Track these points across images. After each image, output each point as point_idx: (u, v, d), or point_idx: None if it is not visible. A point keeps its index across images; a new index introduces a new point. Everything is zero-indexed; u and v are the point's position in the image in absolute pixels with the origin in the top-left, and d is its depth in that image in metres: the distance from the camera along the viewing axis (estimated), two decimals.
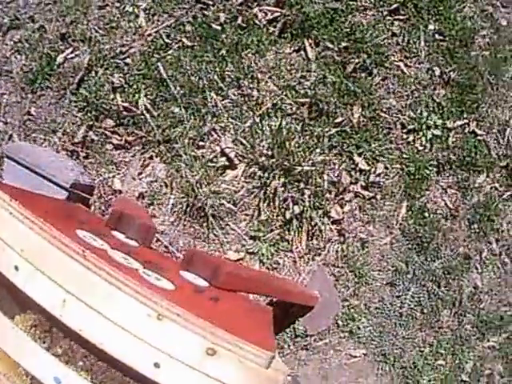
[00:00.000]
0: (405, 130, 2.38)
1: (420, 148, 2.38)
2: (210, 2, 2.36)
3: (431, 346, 2.40)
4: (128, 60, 2.40)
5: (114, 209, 1.80)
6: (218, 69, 2.36)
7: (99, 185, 2.34)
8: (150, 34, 2.39)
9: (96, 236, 1.42)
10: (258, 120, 2.25)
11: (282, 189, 2.27)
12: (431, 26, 2.44)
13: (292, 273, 2.37)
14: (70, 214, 1.89)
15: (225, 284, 1.52)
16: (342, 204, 2.31)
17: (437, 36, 2.44)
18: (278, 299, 2.23)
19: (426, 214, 2.38)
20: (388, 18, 2.43)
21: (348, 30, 2.36)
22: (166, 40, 2.39)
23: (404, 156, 2.36)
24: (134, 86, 2.38)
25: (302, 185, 2.25)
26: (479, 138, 2.43)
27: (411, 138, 2.38)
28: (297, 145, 2.23)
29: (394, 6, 2.42)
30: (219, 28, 2.32)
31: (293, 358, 2.40)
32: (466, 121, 2.41)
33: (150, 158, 2.34)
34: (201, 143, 2.33)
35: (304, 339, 2.40)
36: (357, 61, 2.34)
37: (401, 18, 2.44)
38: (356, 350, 2.42)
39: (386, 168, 2.34)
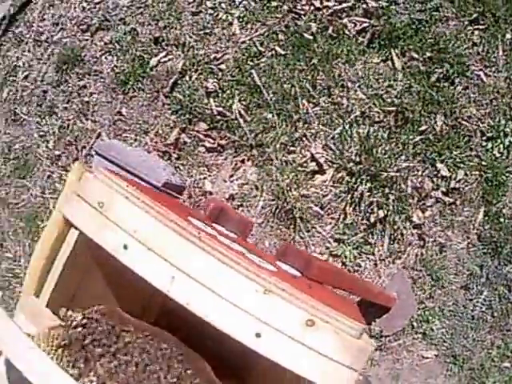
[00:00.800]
0: (484, 138, 2.53)
1: (498, 155, 2.53)
2: (302, 12, 2.50)
3: (499, 349, 2.54)
4: (222, 66, 2.57)
5: (215, 204, 1.98)
6: (309, 77, 2.52)
7: (190, 185, 2.50)
8: (243, 42, 2.56)
9: (205, 224, 1.56)
10: (347, 127, 2.40)
11: (368, 193, 2.43)
12: (508, 35, 2.59)
13: (372, 275, 2.51)
14: (177, 204, 2.06)
15: (316, 276, 1.68)
16: (424, 209, 2.46)
17: None
18: (358, 298, 2.40)
19: (502, 220, 2.53)
20: (469, 27, 2.58)
21: (432, 40, 2.50)
22: (260, 48, 2.57)
23: (483, 163, 2.51)
24: (228, 92, 2.57)
25: (386, 190, 2.41)
26: None
27: (490, 145, 2.53)
28: (383, 151, 2.39)
29: (474, 15, 2.56)
30: (311, 37, 2.49)
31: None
32: None
33: (242, 161, 2.52)
34: (292, 148, 2.50)
35: (379, 340, 2.51)
36: (440, 70, 2.48)
37: (480, 27, 2.58)
38: (428, 352, 2.52)
39: (466, 175, 2.50)
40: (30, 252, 3.18)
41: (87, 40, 2.91)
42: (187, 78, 2.65)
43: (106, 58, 2.89)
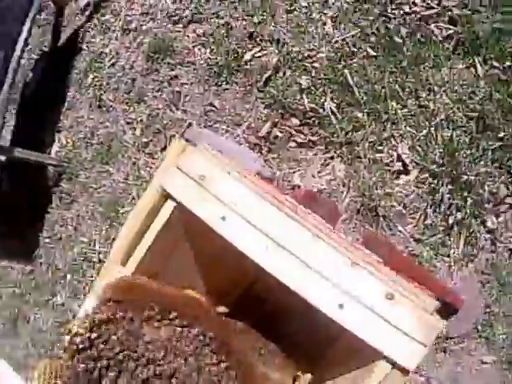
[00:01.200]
0: None
1: None
2: (392, 16, 2.73)
3: None
4: (316, 64, 2.89)
5: (307, 190, 2.11)
6: (399, 79, 2.78)
7: (279, 178, 2.67)
8: (336, 41, 2.88)
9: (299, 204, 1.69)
10: (432, 130, 2.62)
11: (448, 196, 2.65)
12: None
13: (445, 277, 2.65)
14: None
15: (397, 265, 1.79)
16: (498, 214, 2.63)
17: None
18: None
19: None
20: None
21: (511, 50, 2.67)
22: (352, 48, 2.86)
23: None
24: (321, 89, 2.84)
25: (465, 193, 2.65)
26: None
27: None
28: (464, 155, 2.60)
29: None
30: (400, 41, 2.76)
31: (430, 360, 2.62)
32: None
33: (331, 157, 2.80)
34: (379, 148, 2.76)
35: (444, 341, 2.64)
36: None
37: None
38: (488, 357, 2.63)
39: None
40: (106, 237, 3.38)
41: (179, 32, 3.12)
42: (281, 73, 2.92)
43: (199, 49, 3.16)
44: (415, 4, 2.83)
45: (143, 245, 1.56)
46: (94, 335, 1.30)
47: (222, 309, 1.87)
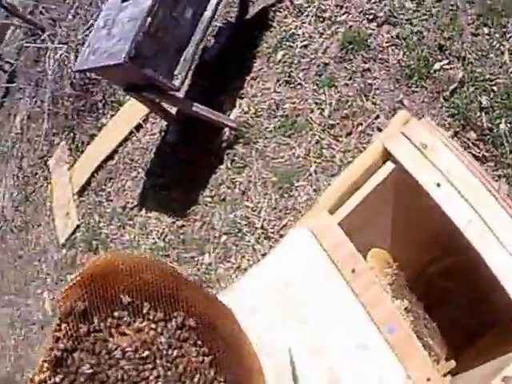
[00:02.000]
0: None
1: None
2: None
3: None
4: (494, 88, 3.43)
5: None
6: None
7: None
8: None
9: None
10: None
11: None
12: None
13: None
14: None
15: None
16: None
17: None
18: None
19: None
20: None
21: None
22: None
23: None
24: (497, 112, 3.40)
25: None
26: None
27: None
28: None
29: None
30: None
31: None
32: None
33: (499, 176, 3.30)
34: None
35: None
36: None
37: None
38: None
39: None
40: (274, 206, 3.91)
41: (373, 30, 3.91)
42: (465, 88, 3.50)
43: (392, 50, 3.76)
44: None
45: (355, 198, 1.88)
46: (58, 378, 1.31)
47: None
